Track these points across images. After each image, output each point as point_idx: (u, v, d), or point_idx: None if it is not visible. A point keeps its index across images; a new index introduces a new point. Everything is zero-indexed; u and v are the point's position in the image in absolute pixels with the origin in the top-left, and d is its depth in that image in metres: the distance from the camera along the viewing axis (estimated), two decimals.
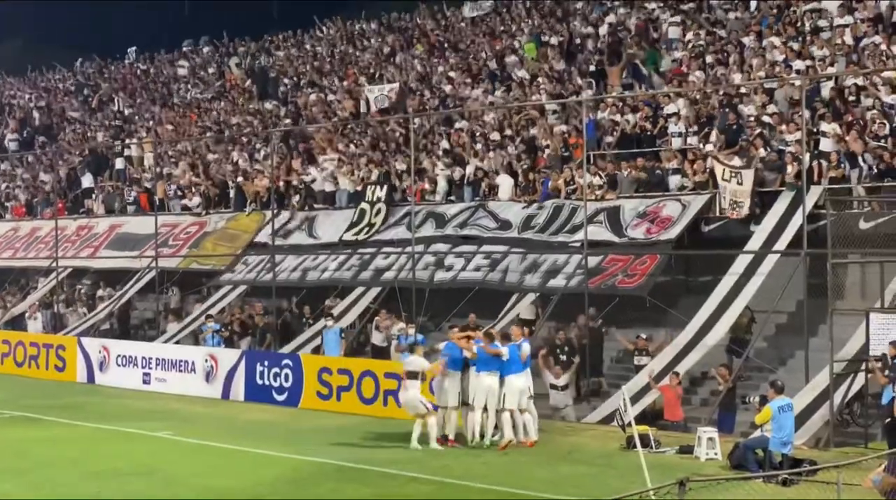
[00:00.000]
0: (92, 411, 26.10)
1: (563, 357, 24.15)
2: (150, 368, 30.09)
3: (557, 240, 27.18)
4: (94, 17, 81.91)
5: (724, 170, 24.79)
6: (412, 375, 21.00)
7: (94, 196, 42.71)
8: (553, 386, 23.94)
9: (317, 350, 28.71)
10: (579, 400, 24.41)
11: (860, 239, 22.01)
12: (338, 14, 52.15)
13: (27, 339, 34.66)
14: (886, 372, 18.74)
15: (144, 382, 30.09)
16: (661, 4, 35.64)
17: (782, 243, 23.36)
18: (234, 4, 79.87)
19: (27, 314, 37.63)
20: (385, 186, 31.89)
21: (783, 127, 25.73)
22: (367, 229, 31.51)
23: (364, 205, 31.96)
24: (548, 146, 30.16)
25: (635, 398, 21.83)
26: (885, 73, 25.70)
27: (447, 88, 37.22)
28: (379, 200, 31.66)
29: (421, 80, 39.40)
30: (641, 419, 20.81)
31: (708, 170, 25.99)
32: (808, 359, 21.44)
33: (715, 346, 23.15)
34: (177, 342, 31.77)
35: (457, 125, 34.23)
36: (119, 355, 31.13)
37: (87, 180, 43.47)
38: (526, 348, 21.03)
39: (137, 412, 25.89)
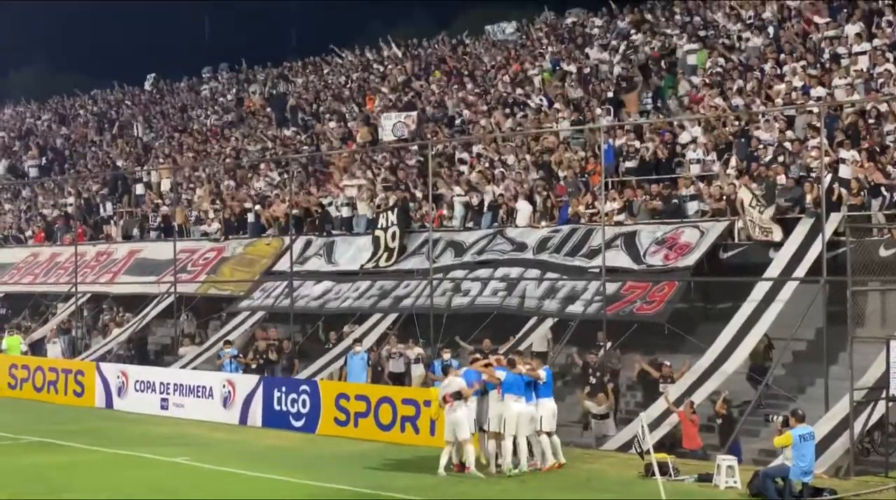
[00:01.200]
0: (110, 437, 26.09)
1: (594, 381, 24.07)
2: (168, 393, 30.10)
3: (574, 264, 27.16)
4: (113, 43, 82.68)
5: (751, 198, 24.73)
6: (457, 395, 20.62)
7: (113, 222, 42.90)
8: (594, 416, 23.82)
9: (332, 375, 28.72)
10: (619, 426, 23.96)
11: (880, 266, 21.92)
12: (356, 41, 52.45)
13: (46, 364, 34.70)
14: None
15: (162, 407, 30.09)
16: (680, 31, 35.67)
17: (801, 270, 23.28)
18: (252, 32, 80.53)
19: (46, 339, 37.74)
20: (396, 210, 31.92)
21: (802, 154, 25.68)
22: (386, 256, 31.54)
23: (378, 232, 32.01)
24: (565, 174, 30.18)
25: (653, 426, 21.72)
26: None
27: (465, 114, 37.30)
28: (392, 224, 31.71)
29: (438, 106, 39.50)
30: (660, 447, 20.71)
31: (726, 196, 25.98)
32: (828, 387, 21.29)
33: (734, 373, 23.03)
34: (195, 368, 31.79)
35: (475, 151, 34.28)
36: (137, 381, 31.15)
37: (106, 206, 43.67)
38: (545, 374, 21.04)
39: (155, 438, 25.88)
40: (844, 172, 24.55)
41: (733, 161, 27.02)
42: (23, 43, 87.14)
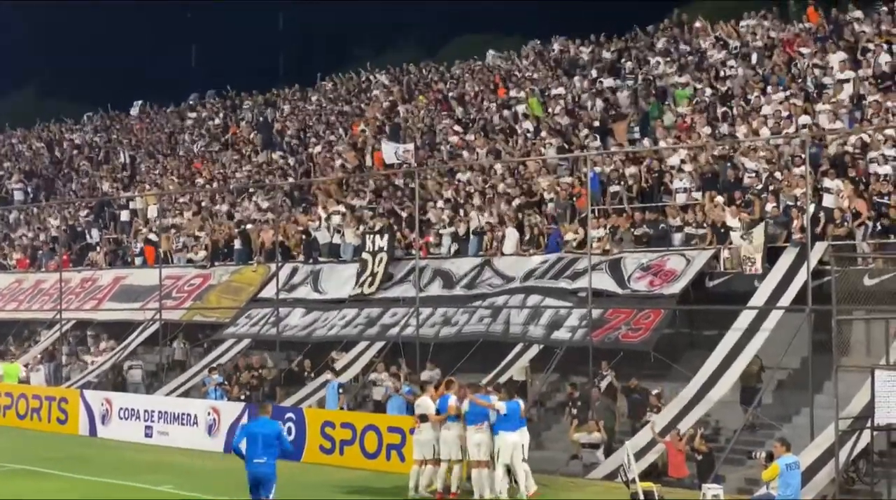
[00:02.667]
0: (93, 465, 25.95)
1: (575, 411, 24.04)
2: (152, 421, 29.97)
3: (559, 285, 27.19)
4: (101, 69, 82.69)
5: (738, 227, 24.82)
6: (422, 418, 21.04)
7: (98, 248, 42.81)
8: (584, 445, 23.74)
9: (321, 404, 28.66)
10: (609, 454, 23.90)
11: (865, 296, 21.96)
12: (343, 68, 52.57)
13: (29, 391, 34.52)
14: None
15: (147, 435, 29.93)
16: (667, 59, 35.87)
17: (787, 299, 23.35)
18: (240, 58, 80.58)
19: (29, 367, 37.56)
20: (386, 236, 31.93)
21: (787, 183, 25.79)
22: (370, 281, 31.51)
23: (365, 255, 31.99)
24: (552, 200, 30.25)
25: (639, 454, 21.70)
26: (887, 131, 25.82)
27: (452, 140, 37.37)
28: (381, 249, 31.71)
29: (425, 132, 39.59)
30: (646, 475, 20.67)
31: (709, 224, 26.07)
32: (814, 416, 21.32)
33: (719, 401, 23.04)
34: (179, 395, 31.67)
35: (460, 177, 34.33)
36: (121, 408, 31.00)
37: (92, 233, 43.57)
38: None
39: (139, 466, 25.75)
40: (829, 201, 24.66)
41: (718, 193, 27.08)
42: (9, 70, 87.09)
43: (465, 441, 20.73)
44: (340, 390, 28.32)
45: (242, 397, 30.19)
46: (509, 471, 20.51)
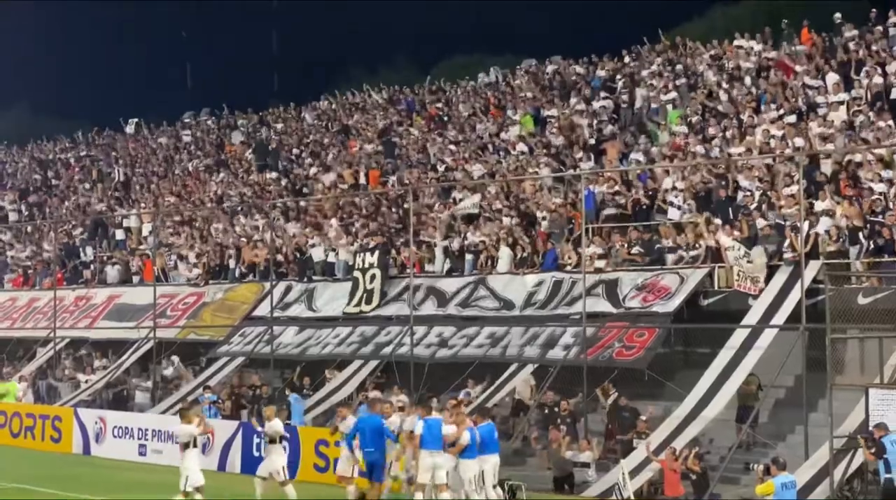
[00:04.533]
0: (87, 483, 25.88)
1: (564, 427, 24.03)
2: (146, 439, 29.90)
3: (556, 312, 27.28)
4: (94, 88, 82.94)
5: (734, 247, 24.86)
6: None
7: (92, 267, 42.77)
8: (576, 464, 23.72)
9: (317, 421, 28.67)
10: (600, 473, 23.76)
11: (859, 314, 22.01)
12: (338, 87, 52.72)
13: (23, 409, 34.44)
14: (872, 450, 18.68)
15: (140, 453, 29.88)
16: (660, 79, 36.02)
17: (781, 317, 23.40)
18: (234, 77, 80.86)
19: (25, 385, 37.39)
20: (377, 253, 31.94)
21: (781, 202, 25.89)
22: (365, 298, 31.51)
23: (356, 273, 32.01)
24: (545, 218, 30.31)
25: (634, 473, 21.70)
26: (878, 150, 25.95)
27: (448, 160, 37.45)
28: (371, 266, 31.72)
29: (420, 151, 39.70)
30: (641, 494, 20.66)
31: (704, 245, 26.14)
32: (808, 434, 21.37)
33: (713, 420, 23.05)
34: (174, 413, 31.57)
35: (455, 196, 34.38)
36: (115, 427, 30.94)
37: (86, 251, 43.55)
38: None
39: (133, 484, 25.68)
40: (823, 220, 24.73)
41: (712, 212, 27.17)
42: (2, 88, 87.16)
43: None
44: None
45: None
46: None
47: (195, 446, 21.23)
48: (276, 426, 22.02)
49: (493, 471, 20.55)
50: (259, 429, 23.55)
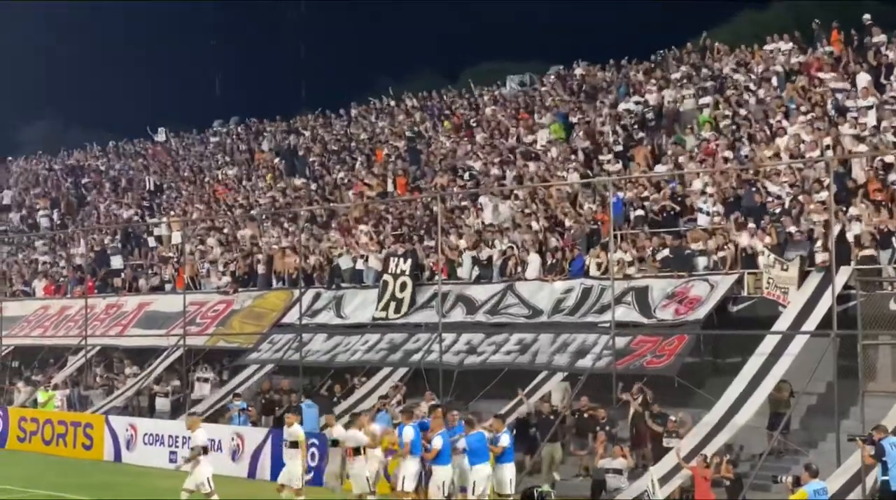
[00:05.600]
0: (119, 491, 26.05)
1: (604, 437, 24.00)
2: (176, 446, 30.03)
3: (586, 320, 27.22)
4: (125, 96, 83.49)
5: (767, 256, 24.73)
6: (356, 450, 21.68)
7: (123, 275, 43.02)
8: (607, 471, 23.66)
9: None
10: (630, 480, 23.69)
11: (891, 320, 21.87)
12: (365, 95, 52.85)
13: (55, 417, 34.68)
14: (871, 452, 18.57)
15: (171, 460, 30.01)
16: (686, 82, 35.91)
17: (811, 324, 23.25)
18: (263, 85, 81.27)
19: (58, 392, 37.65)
20: (409, 260, 31.98)
21: (811, 207, 25.75)
22: (395, 306, 31.54)
23: (386, 277, 32.04)
24: (570, 228, 30.25)
25: (664, 480, 21.62)
26: None
27: (476, 166, 37.45)
28: (403, 272, 31.74)
29: (447, 157, 39.72)
30: None
31: (736, 249, 26.03)
32: (840, 442, 21.19)
33: (744, 427, 22.93)
34: (204, 421, 31.65)
35: (482, 202, 34.36)
36: (146, 434, 31.12)
37: (116, 260, 43.82)
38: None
39: (164, 491, 25.74)
40: (854, 225, 24.58)
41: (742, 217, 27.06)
42: (34, 98, 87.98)
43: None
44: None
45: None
46: None
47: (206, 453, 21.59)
48: (296, 431, 22.09)
49: (484, 482, 20.47)
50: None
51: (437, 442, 20.41)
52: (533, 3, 77.51)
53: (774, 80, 33.38)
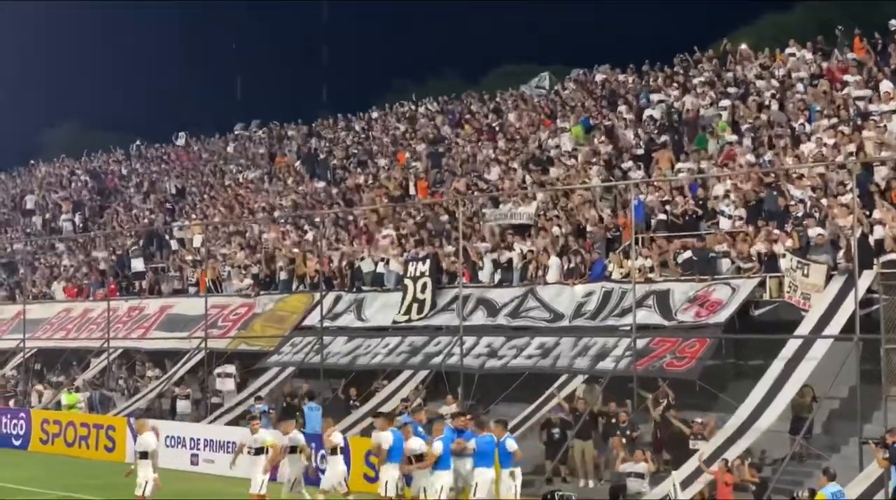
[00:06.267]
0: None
1: (624, 440, 23.94)
2: (198, 449, 30.11)
3: (607, 323, 27.20)
4: (146, 100, 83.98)
5: (791, 260, 24.63)
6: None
7: (145, 277, 43.19)
8: (629, 474, 23.59)
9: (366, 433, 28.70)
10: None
11: None
12: (387, 98, 52.98)
13: (78, 419, 34.82)
14: (885, 455, 18.46)
15: (193, 463, 30.08)
16: (709, 87, 35.82)
17: (834, 328, 23.13)
18: (284, 89, 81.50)
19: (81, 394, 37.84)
20: (428, 261, 32.00)
21: (835, 211, 25.64)
22: (417, 308, 31.57)
23: (407, 281, 32.08)
24: (591, 232, 30.22)
25: (686, 484, 21.55)
26: None
27: (495, 170, 37.44)
28: (423, 274, 31.77)
29: (468, 161, 39.73)
30: None
31: (759, 254, 25.94)
32: (862, 446, 21.08)
33: (766, 431, 22.84)
34: (226, 424, 31.79)
35: (503, 207, 34.34)
36: (168, 436, 31.15)
37: (138, 263, 44.01)
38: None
39: (185, 494, 25.83)
40: (878, 228, 24.47)
41: (764, 221, 26.95)
42: (57, 102, 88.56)
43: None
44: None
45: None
46: None
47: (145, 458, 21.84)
48: (295, 437, 22.46)
49: (487, 485, 20.38)
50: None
51: (437, 447, 20.45)
52: (554, 7, 77.58)
53: (800, 86, 33.25)
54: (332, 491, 21.94)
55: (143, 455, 22.09)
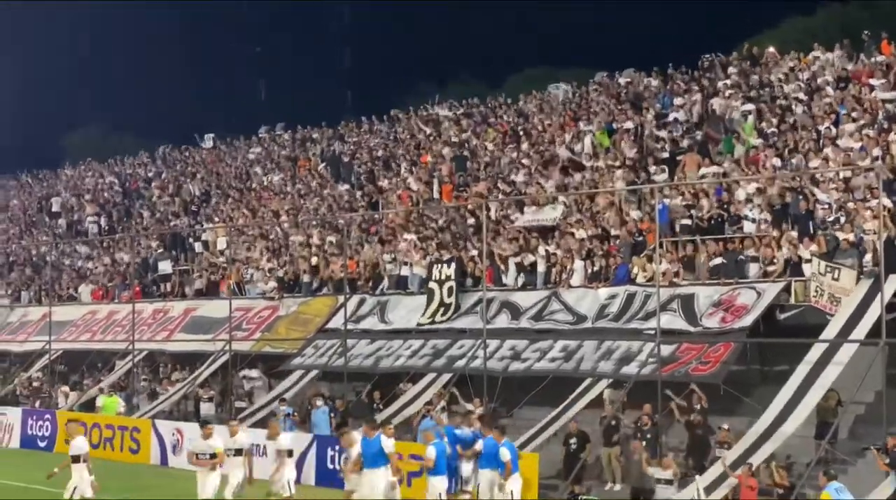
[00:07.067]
0: (165, 494, 26.19)
1: (645, 443, 23.89)
2: None
3: (630, 327, 27.13)
4: (171, 103, 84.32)
5: (819, 264, 24.50)
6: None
7: (170, 280, 43.37)
8: (658, 480, 23.49)
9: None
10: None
11: None
12: (409, 102, 53.00)
13: (102, 421, 34.96)
14: (886, 461, 18.40)
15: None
16: (735, 91, 35.69)
17: (860, 332, 23.02)
18: (308, 92, 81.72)
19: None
20: (452, 264, 32.00)
21: (862, 214, 25.51)
22: (442, 311, 31.60)
23: (432, 284, 32.09)
24: (617, 237, 30.16)
25: (710, 489, 21.49)
26: None
27: (520, 174, 37.42)
28: (448, 278, 31.78)
29: (493, 165, 39.71)
30: None
31: (781, 258, 25.83)
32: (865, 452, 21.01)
33: (792, 436, 22.75)
34: (250, 426, 31.82)
35: (527, 211, 34.33)
36: (192, 438, 31.21)
37: (163, 265, 44.20)
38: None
39: (189, 493, 25.88)
40: None
41: (790, 225, 26.85)
42: (82, 105, 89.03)
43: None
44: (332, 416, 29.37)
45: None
46: None
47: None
48: (283, 441, 22.76)
49: (488, 486, 20.55)
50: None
51: (431, 453, 20.53)
52: (577, 9, 77.55)
53: (828, 89, 33.09)
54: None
55: (76, 459, 22.12)
